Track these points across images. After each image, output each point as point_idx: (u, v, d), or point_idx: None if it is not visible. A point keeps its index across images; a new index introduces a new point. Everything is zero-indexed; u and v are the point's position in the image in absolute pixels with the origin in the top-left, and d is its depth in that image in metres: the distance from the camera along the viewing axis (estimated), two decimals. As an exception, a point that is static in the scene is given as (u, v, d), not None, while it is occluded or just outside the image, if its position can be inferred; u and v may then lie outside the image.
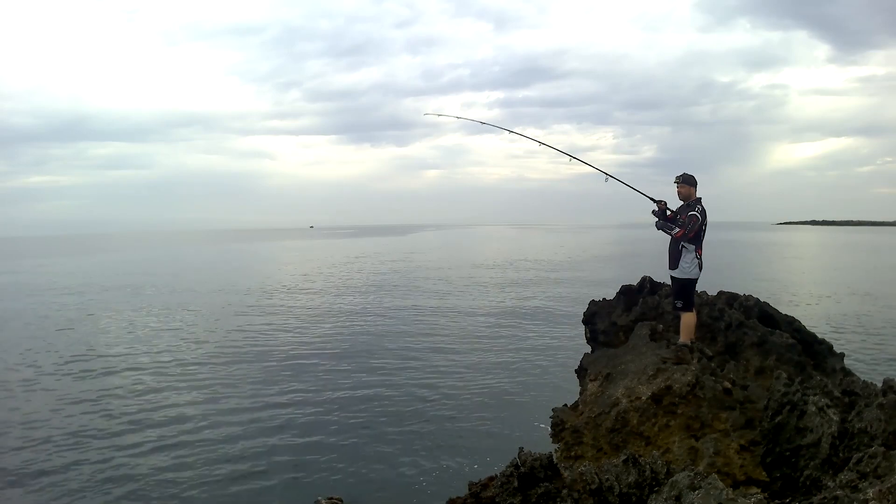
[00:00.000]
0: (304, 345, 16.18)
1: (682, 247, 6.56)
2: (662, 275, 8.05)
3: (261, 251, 76.26)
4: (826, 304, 21.98)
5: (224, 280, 35.59)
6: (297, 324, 19.62)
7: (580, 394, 7.64)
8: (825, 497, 3.13)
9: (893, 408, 4.10)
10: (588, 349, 9.20)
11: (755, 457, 4.92)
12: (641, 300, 8.70)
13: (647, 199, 6.99)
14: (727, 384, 5.79)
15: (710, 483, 3.22)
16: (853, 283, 28.98)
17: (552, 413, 6.80)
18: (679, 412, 5.50)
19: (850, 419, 4.29)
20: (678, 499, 3.24)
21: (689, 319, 6.67)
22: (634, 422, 5.59)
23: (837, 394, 5.01)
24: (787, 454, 4.42)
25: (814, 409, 4.39)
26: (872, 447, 3.43)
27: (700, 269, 6.64)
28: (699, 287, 7.12)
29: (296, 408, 10.63)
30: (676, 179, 6.72)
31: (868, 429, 4.03)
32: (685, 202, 6.71)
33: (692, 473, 3.38)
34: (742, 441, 5.14)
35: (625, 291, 9.12)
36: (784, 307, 9.58)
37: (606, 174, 7.57)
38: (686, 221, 6.53)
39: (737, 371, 6.66)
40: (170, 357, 14.88)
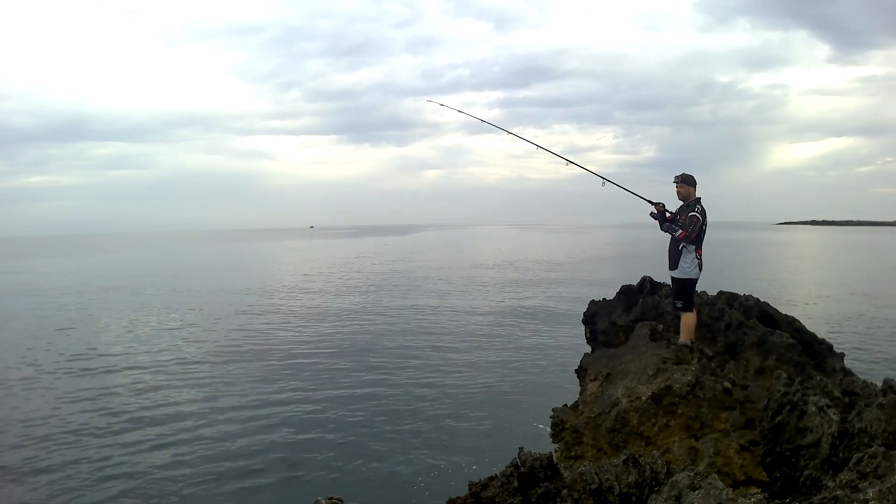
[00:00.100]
0: (304, 344, 16.19)
1: (683, 247, 6.56)
2: (662, 275, 8.05)
3: (261, 251, 76.27)
4: (826, 304, 21.98)
5: (224, 280, 35.61)
6: (297, 323, 19.62)
7: (580, 394, 7.65)
8: (825, 497, 3.13)
9: (893, 408, 4.10)
10: (588, 349, 9.20)
11: (755, 457, 4.92)
12: (641, 300, 8.70)
13: (645, 202, 6.99)
14: (727, 384, 5.79)
15: (710, 483, 3.22)
16: (853, 283, 28.99)
17: (552, 413, 6.81)
18: (679, 412, 5.50)
19: (850, 419, 4.29)
20: (678, 499, 3.24)
21: (690, 319, 6.68)
22: (634, 422, 5.59)
23: (837, 394, 5.01)
24: (787, 454, 4.42)
25: (814, 409, 4.39)
26: (872, 447, 3.43)
27: (700, 270, 6.65)
28: (699, 287, 7.13)
29: (295, 407, 10.64)
30: (675, 179, 6.72)
31: (868, 429, 4.03)
32: (685, 202, 6.72)
33: (692, 473, 3.38)
34: (742, 441, 5.14)
35: (625, 291, 9.13)
36: (784, 307, 9.58)
37: (603, 178, 7.58)
38: (687, 222, 6.54)
39: (737, 371, 6.66)
40: (169, 356, 14.88)
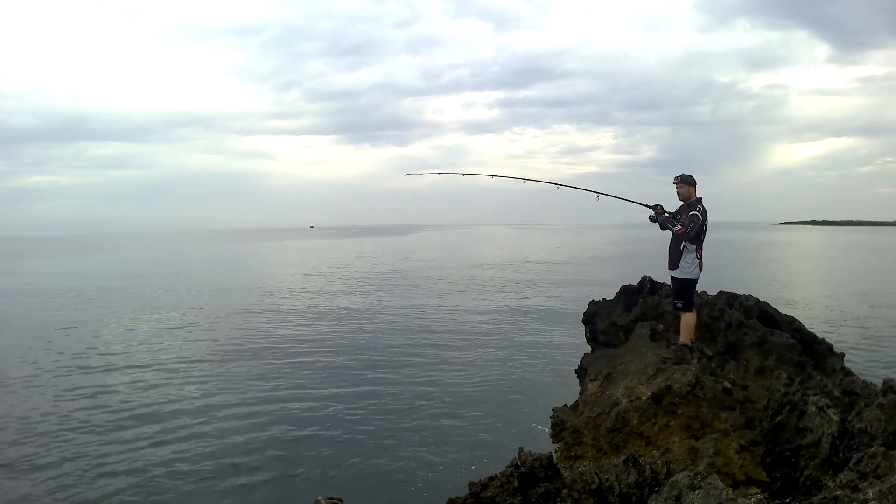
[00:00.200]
0: (304, 343, 16.18)
1: (683, 247, 6.57)
2: (662, 275, 8.05)
3: (261, 251, 76.27)
4: (826, 304, 21.98)
5: (224, 280, 35.61)
6: (297, 322, 19.62)
7: (580, 394, 7.65)
8: (825, 497, 3.13)
9: (893, 408, 4.10)
10: (588, 349, 9.20)
11: (755, 457, 4.92)
12: (641, 300, 8.71)
13: (642, 207, 7.01)
14: (727, 384, 5.80)
15: (710, 483, 3.22)
16: (853, 283, 28.98)
17: (552, 413, 6.81)
18: (679, 412, 5.50)
19: (850, 419, 4.29)
20: (678, 499, 3.24)
21: (690, 319, 6.69)
22: (634, 422, 5.59)
23: (837, 394, 5.02)
24: (787, 454, 4.42)
25: (814, 409, 4.39)
26: (872, 447, 3.43)
27: (700, 270, 6.65)
28: (699, 287, 7.13)
29: (295, 405, 10.63)
30: (675, 180, 6.74)
31: (868, 429, 4.03)
32: (685, 202, 6.73)
33: (692, 473, 3.38)
34: (742, 441, 5.14)
35: (625, 291, 9.13)
36: (784, 307, 9.59)
37: (598, 193, 7.65)
38: (687, 221, 6.55)
39: (737, 371, 6.67)
40: (169, 355, 14.88)
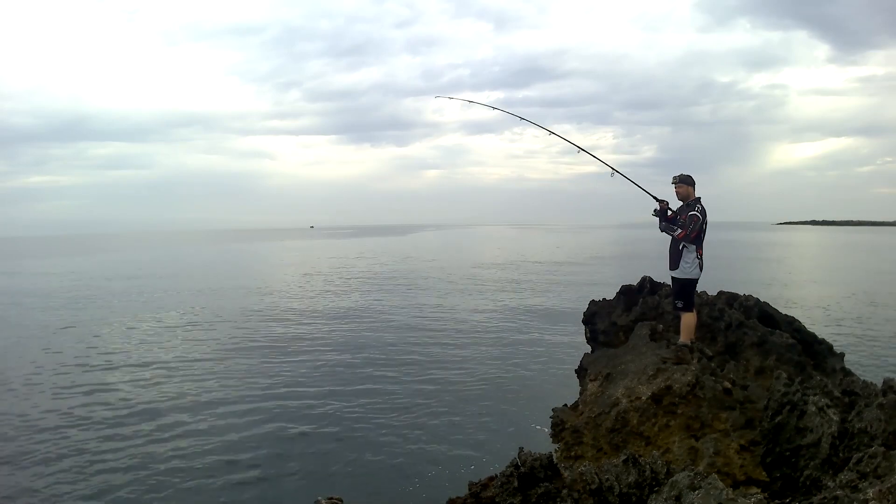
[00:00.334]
0: (304, 342, 16.17)
1: (683, 247, 6.57)
2: (663, 275, 8.05)
3: (261, 251, 76.27)
4: (826, 304, 21.98)
5: (224, 280, 35.60)
6: (297, 322, 19.62)
7: (580, 394, 7.65)
8: (825, 497, 3.13)
9: (893, 408, 4.10)
10: (588, 349, 9.20)
11: (755, 457, 4.92)
12: (641, 300, 8.71)
13: (651, 197, 7.03)
14: (727, 384, 5.80)
15: (710, 483, 3.22)
16: (853, 283, 28.98)
17: (552, 413, 6.81)
18: (679, 412, 5.50)
19: (850, 419, 4.29)
20: (678, 499, 3.24)
21: (690, 319, 6.69)
22: (634, 422, 5.59)
23: (837, 394, 5.02)
24: (787, 454, 4.42)
25: (814, 409, 4.39)
26: (872, 447, 3.43)
27: (700, 270, 6.66)
28: (699, 287, 7.13)
29: (295, 405, 10.63)
30: (674, 180, 6.75)
31: (868, 429, 4.03)
32: (684, 202, 6.74)
33: (692, 473, 3.38)
34: (742, 441, 5.14)
35: (625, 291, 9.13)
36: (784, 307, 9.59)
37: (613, 168, 7.63)
38: (687, 222, 6.55)
39: (737, 371, 6.66)
40: (169, 354, 14.88)
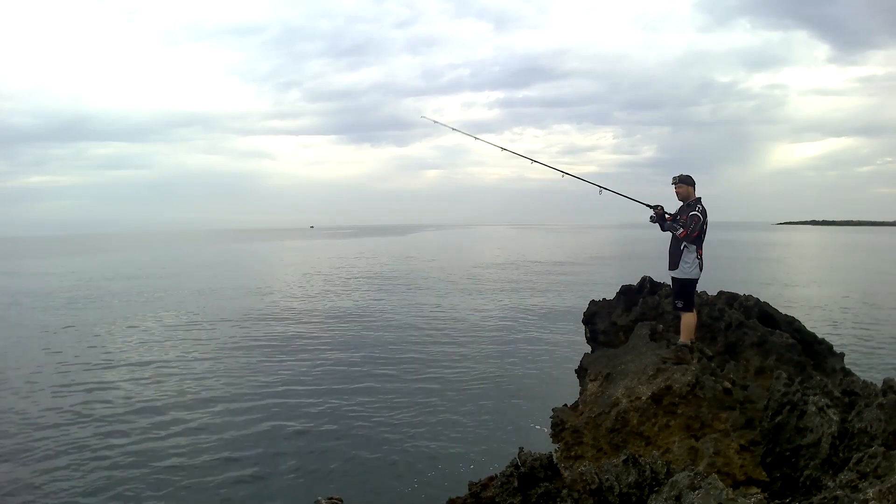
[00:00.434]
0: (304, 342, 16.17)
1: (684, 247, 6.57)
2: (662, 275, 8.05)
3: (261, 251, 76.26)
4: (826, 304, 21.97)
5: (224, 280, 35.59)
6: (297, 321, 19.61)
7: (580, 394, 7.65)
8: (825, 497, 3.13)
9: (893, 408, 4.11)
10: (588, 349, 9.20)
11: (755, 457, 4.92)
12: (641, 300, 8.71)
13: (644, 207, 7.01)
14: (727, 384, 5.80)
15: (710, 483, 3.22)
16: (853, 283, 28.98)
17: (552, 413, 6.81)
18: (679, 412, 5.50)
19: (850, 419, 4.29)
20: (678, 499, 3.24)
21: (690, 319, 6.69)
22: (634, 422, 5.59)
23: (837, 394, 5.02)
24: (787, 454, 4.42)
25: (814, 409, 4.39)
26: (872, 447, 3.43)
27: (700, 270, 6.65)
28: (699, 287, 7.13)
29: (294, 404, 10.63)
30: (674, 180, 6.75)
31: (868, 429, 4.03)
32: (684, 202, 6.74)
33: (692, 473, 3.38)
34: (742, 441, 5.14)
35: (625, 291, 9.13)
36: (784, 307, 9.58)
37: (600, 187, 7.61)
38: (688, 221, 6.55)
39: (737, 371, 6.67)
40: (169, 353, 14.88)
